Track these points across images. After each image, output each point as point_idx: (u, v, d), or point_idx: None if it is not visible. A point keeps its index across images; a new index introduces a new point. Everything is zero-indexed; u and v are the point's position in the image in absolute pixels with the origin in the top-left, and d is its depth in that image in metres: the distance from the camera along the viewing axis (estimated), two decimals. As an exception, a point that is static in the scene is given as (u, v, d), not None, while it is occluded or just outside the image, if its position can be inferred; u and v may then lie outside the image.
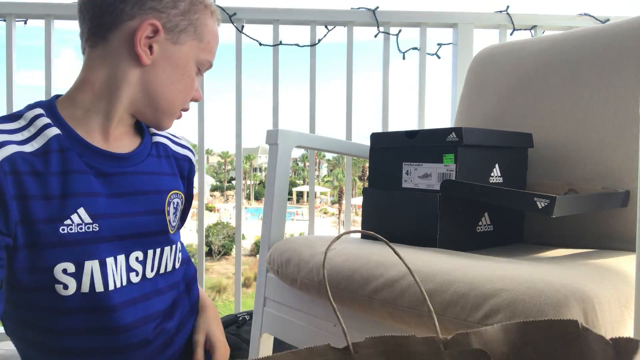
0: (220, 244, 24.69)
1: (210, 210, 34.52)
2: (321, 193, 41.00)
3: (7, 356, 1.55)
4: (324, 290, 0.93)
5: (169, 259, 0.82)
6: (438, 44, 1.84)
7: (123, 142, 0.80)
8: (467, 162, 1.03)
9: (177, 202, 0.85)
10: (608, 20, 1.69)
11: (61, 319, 0.70)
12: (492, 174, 1.09)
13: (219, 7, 1.72)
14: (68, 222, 0.68)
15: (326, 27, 1.77)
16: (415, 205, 1.06)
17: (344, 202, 2.09)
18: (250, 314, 1.48)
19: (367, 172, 1.22)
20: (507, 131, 1.16)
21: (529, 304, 0.65)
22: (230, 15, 1.72)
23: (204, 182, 1.82)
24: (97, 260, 0.70)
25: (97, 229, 0.70)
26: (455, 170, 1.02)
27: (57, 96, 0.77)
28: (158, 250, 0.80)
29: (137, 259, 0.76)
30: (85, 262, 0.69)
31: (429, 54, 1.81)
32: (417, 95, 1.84)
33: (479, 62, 1.47)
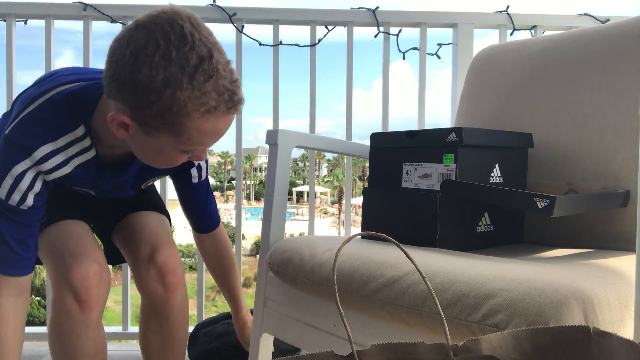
0: (220, 244, 24.59)
1: (210, 210, 34.37)
2: (321, 193, 40.95)
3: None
4: (324, 290, 0.93)
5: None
6: (438, 44, 1.84)
7: (125, 157, 1.01)
8: (467, 162, 1.03)
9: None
10: (608, 20, 1.69)
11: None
12: (492, 174, 1.09)
13: (219, 7, 1.72)
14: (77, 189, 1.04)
15: (326, 27, 1.77)
16: (415, 205, 1.06)
17: (344, 202, 2.09)
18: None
19: (367, 172, 1.22)
20: (507, 131, 1.16)
21: (529, 304, 0.65)
22: (230, 15, 1.72)
23: (204, 182, 1.82)
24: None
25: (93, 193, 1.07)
26: (455, 170, 1.02)
27: (98, 97, 0.91)
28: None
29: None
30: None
31: (429, 54, 1.81)
32: (417, 95, 1.84)
33: (479, 62, 1.47)
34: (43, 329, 1.75)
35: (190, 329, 1.48)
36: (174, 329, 1.12)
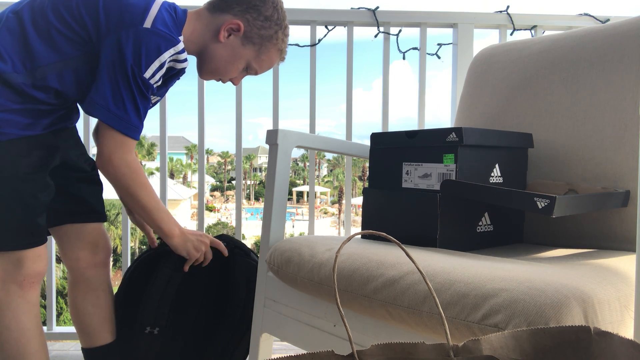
0: (220, 244, 24.60)
1: (210, 210, 34.45)
2: (321, 193, 40.94)
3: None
4: (324, 290, 0.93)
5: None
6: (438, 44, 1.83)
7: None
8: (467, 162, 1.03)
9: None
10: (608, 20, 1.69)
11: None
12: (492, 174, 1.09)
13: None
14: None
15: (326, 27, 1.77)
16: (415, 205, 1.06)
17: (344, 202, 2.09)
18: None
19: (367, 172, 1.22)
20: (507, 131, 1.16)
21: (529, 304, 0.65)
22: (230, 15, 1.72)
23: (204, 182, 1.83)
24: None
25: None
26: (455, 170, 1.02)
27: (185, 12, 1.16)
28: None
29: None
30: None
31: (429, 54, 1.81)
32: (417, 95, 1.84)
33: (479, 62, 1.47)
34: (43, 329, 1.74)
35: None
36: (104, 295, 1.30)
